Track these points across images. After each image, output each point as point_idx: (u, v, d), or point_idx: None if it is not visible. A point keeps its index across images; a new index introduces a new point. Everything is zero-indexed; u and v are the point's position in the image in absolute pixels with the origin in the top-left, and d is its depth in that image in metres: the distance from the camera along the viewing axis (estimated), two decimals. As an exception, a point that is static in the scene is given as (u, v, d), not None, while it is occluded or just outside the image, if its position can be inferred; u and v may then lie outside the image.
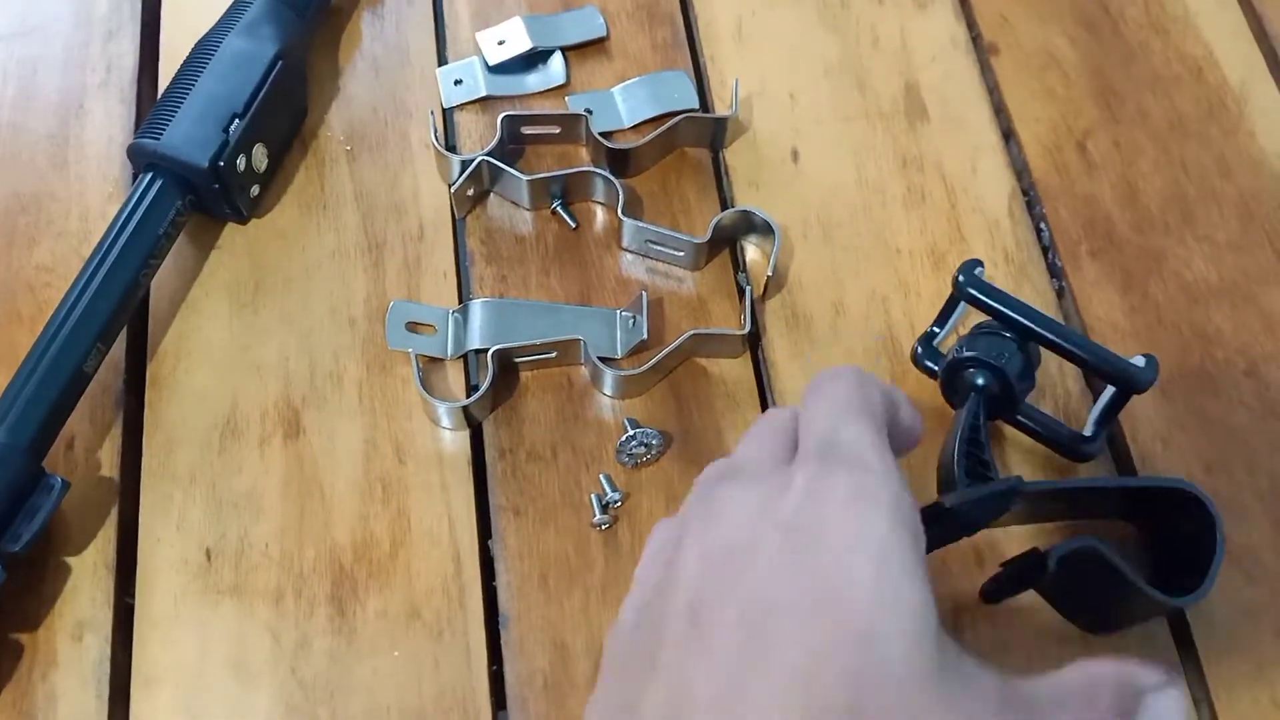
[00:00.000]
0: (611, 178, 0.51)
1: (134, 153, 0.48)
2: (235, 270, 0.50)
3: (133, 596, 0.43)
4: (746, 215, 0.50)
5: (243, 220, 0.51)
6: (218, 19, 0.52)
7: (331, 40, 0.57)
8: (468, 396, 0.48)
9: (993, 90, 0.57)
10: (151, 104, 0.55)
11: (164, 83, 0.55)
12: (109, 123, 0.54)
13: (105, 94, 0.54)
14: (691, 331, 0.47)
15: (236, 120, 0.48)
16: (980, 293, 0.44)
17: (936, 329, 0.49)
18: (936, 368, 0.48)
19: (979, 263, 0.46)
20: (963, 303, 0.46)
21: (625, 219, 0.50)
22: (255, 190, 0.51)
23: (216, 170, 0.47)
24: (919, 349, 0.48)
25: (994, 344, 0.44)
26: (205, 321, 0.49)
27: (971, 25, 0.59)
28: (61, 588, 0.43)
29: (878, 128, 0.55)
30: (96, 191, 0.52)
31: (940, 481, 0.43)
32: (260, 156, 0.50)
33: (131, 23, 0.57)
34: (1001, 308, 0.44)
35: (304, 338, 0.49)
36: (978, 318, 0.46)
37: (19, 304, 0.49)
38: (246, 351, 0.49)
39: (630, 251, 0.52)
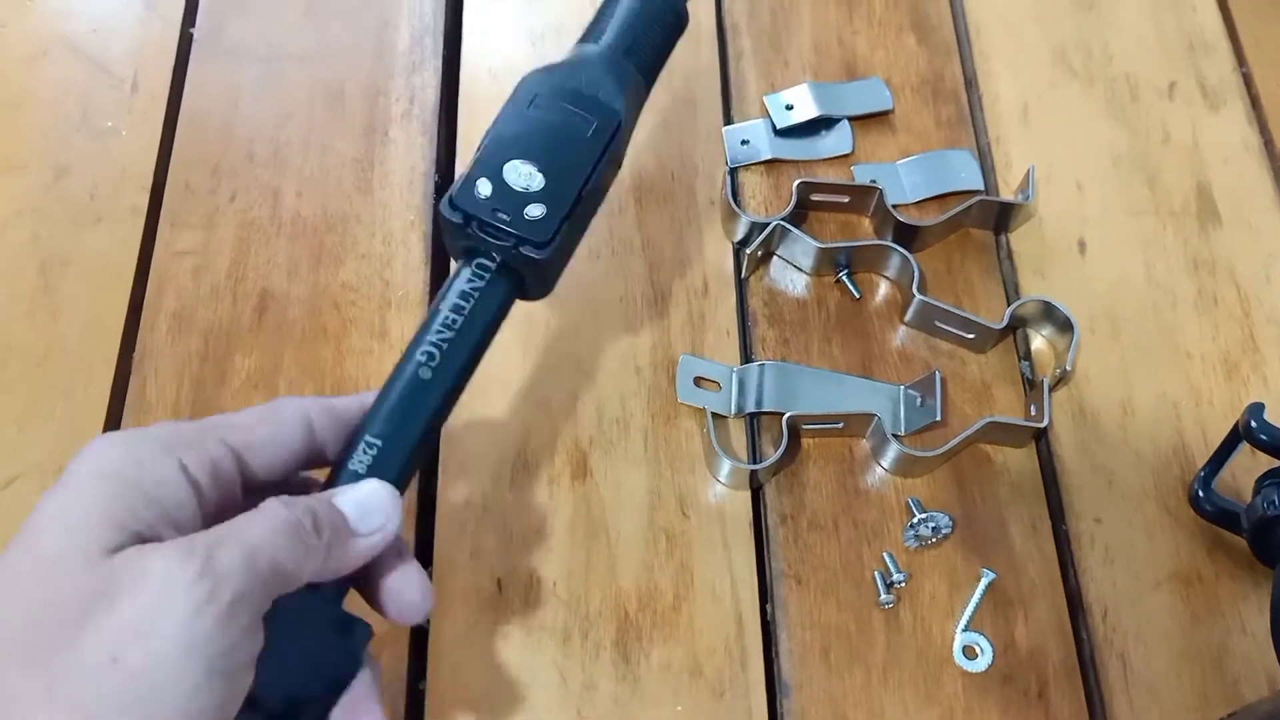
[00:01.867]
0: (907, 254, 0.51)
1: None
2: (528, 308, 0.51)
3: (428, 619, 0.44)
4: (1046, 306, 0.50)
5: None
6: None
7: (621, 90, 0.58)
8: (748, 455, 0.48)
9: (1286, 199, 0.56)
10: (450, 138, 0.56)
11: (463, 119, 0.57)
12: (411, 152, 0.56)
13: (408, 124, 0.56)
14: (988, 419, 0.47)
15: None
16: (1273, 438, 0.43)
17: (1209, 470, 0.47)
18: (1211, 509, 0.47)
19: (1263, 406, 0.44)
20: (1240, 445, 0.45)
21: (918, 296, 0.50)
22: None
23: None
24: (1199, 492, 0.47)
25: None
26: (499, 356, 0.50)
27: (1263, 130, 0.58)
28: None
29: (1168, 226, 0.55)
30: (399, 218, 0.54)
31: None
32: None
33: (433, 58, 0.59)
34: None
35: (591, 381, 0.50)
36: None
37: (325, 319, 0.51)
38: (537, 389, 0.50)
39: (912, 327, 0.52)
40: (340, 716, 0.32)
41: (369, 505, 0.33)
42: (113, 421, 0.47)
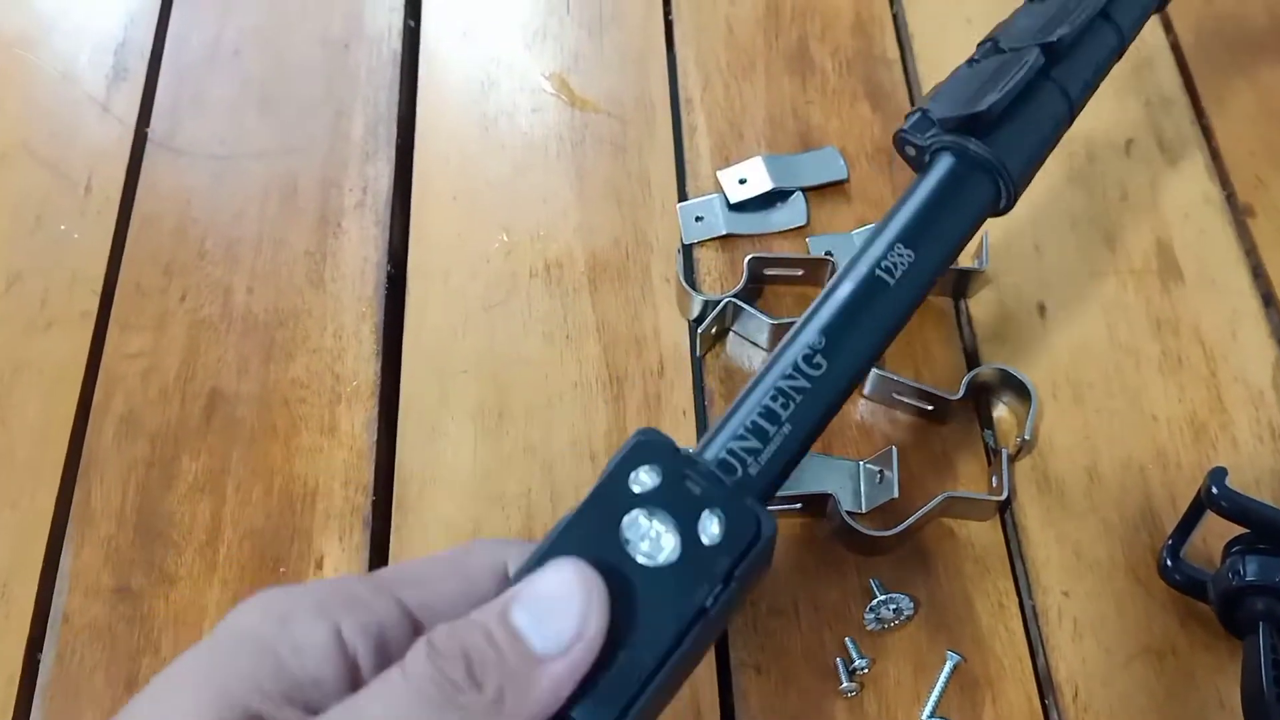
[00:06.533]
0: (860, 327, 0.50)
1: None
2: (480, 397, 0.51)
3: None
4: (1002, 374, 0.49)
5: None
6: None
7: (574, 170, 0.58)
8: (705, 540, 0.47)
9: (1249, 252, 0.55)
10: (404, 226, 0.56)
11: (416, 206, 0.57)
12: (364, 243, 0.56)
13: (361, 214, 0.56)
14: (946, 495, 0.46)
15: None
16: (1234, 505, 0.42)
17: (1176, 538, 0.46)
18: (1181, 579, 0.45)
19: (1226, 471, 0.43)
20: (1206, 511, 0.44)
21: (873, 369, 0.49)
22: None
23: None
24: (1167, 561, 0.46)
25: (1268, 564, 0.41)
26: (451, 447, 0.50)
27: (1224, 184, 0.57)
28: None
29: (1129, 285, 0.54)
30: (351, 311, 0.53)
31: None
32: None
33: (387, 147, 0.59)
34: (1264, 521, 0.42)
35: (546, 470, 0.49)
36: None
37: (274, 417, 0.50)
38: (489, 481, 0.49)
39: (872, 400, 0.51)
40: None
41: (551, 602, 0.24)
42: (56, 532, 0.47)
